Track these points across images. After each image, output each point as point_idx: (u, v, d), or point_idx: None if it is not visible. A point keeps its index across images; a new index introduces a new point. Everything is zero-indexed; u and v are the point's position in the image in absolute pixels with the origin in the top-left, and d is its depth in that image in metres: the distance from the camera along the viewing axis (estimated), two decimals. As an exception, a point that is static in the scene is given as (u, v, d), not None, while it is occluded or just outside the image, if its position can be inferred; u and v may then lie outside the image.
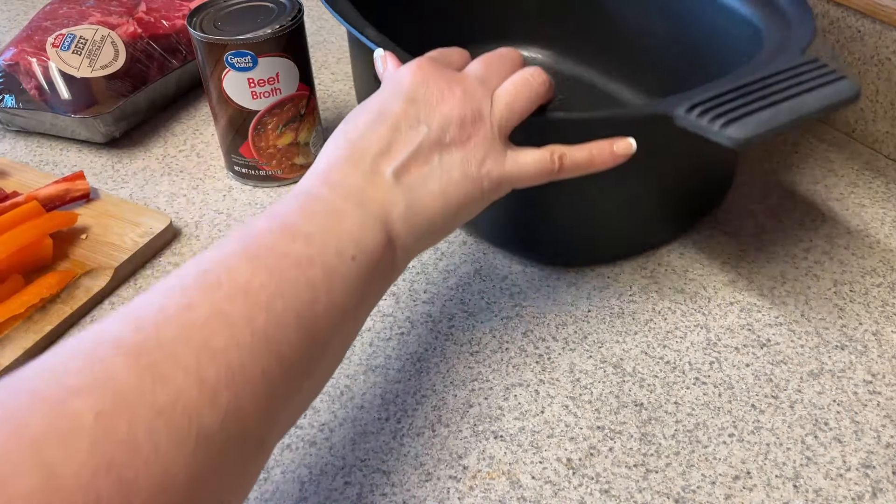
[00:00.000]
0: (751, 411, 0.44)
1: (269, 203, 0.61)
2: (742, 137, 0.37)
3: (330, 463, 0.42)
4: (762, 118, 0.38)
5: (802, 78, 0.41)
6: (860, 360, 0.47)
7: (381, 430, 0.44)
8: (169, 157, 0.67)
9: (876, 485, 0.40)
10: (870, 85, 0.62)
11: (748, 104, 0.39)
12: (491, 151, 0.39)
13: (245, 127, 0.59)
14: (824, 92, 0.40)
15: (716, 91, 0.41)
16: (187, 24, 0.57)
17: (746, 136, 0.38)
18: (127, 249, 0.55)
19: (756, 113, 0.39)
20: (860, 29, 0.61)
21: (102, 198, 0.60)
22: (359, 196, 0.35)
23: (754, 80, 0.41)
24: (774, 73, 0.42)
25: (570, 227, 0.53)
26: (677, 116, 0.40)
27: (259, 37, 0.55)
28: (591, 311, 0.50)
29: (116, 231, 0.56)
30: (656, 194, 0.52)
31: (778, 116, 0.39)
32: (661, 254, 0.55)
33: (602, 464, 0.42)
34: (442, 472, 0.42)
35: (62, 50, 0.65)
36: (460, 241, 0.56)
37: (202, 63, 0.57)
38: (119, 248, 0.55)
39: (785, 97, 0.40)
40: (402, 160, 0.37)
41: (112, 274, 0.53)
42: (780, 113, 0.39)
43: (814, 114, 0.39)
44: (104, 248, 0.55)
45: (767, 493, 0.40)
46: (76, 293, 0.52)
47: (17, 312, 0.49)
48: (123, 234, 0.56)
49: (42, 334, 0.49)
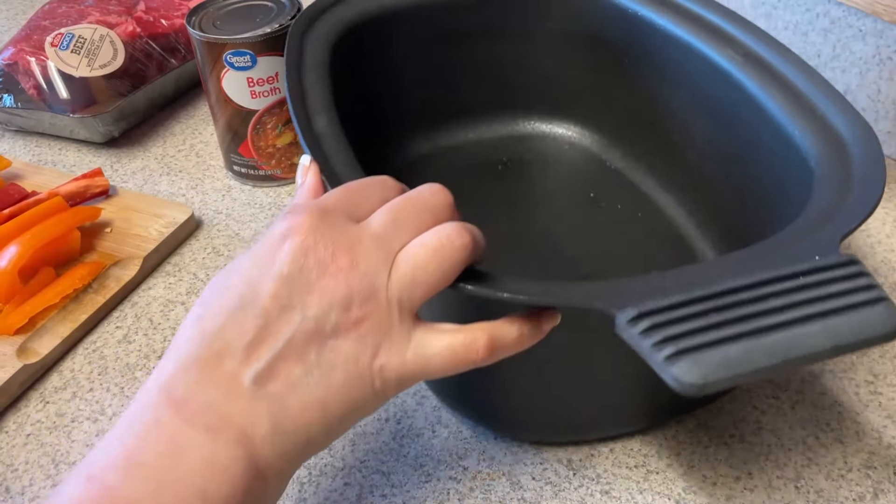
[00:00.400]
0: (752, 412, 0.44)
1: (268, 203, 0.61)
2: (688, 381, 0.26)
3: (329, 464, 0.42)
4: (728, 356, 0.27)
5: (817, 292, 0.29)
6: (861, 361, 0.47)
7: (380, 430, 0.44)
8: (168, 156, 0.67)
9: (877, 486, 0.40)
10: (871, 85, 0.61)
11: (718, 326, 0.28)
12: (386, 340, 0.30)
13: (244, 126, 0.59)
14: (840, 324, 0.28)
15: (680, 298, 0.29)
16: (186, 24, 0.56)
17: (694, 381, 0.26)
18: (153, 240, 0.56)
19: (722, 345, 0.27)
20: (861, 28, 0.60)
21: (121, 194, 0.61)
22: (210, 418, 0.28)
23: (744, 286, 0.29)
24: (779, 276, 0.30)
25: (527, 403, 0.42)
26: (618, 325, 0.29)
27: (258, 36, 0.55)
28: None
29: (140, 223, 0.57)
30: (610, 385, 0.40)
31: (751, 357, 0.27)
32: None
33: (603, 465, 0.42)
34: (442, 473, 0.42)
35: (61, 49, 0.65)
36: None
37: (201, 62, 0.57)
38: (145, 239, 0.56)
39: (778, 323, 0.28)
40: (266, 362, 0.28)
41: (140, 263, 0.54)
42: (754, 352, 0.27)
43: (812, 359, 0.27)
44: (130, 239, 0.56)
45: (769, 494, 0.40)
46: (107, 283, 0.53)
47: (53, 302, 0.51)
48: (147, 225, 0.57)
49: (78, 323, 0.50)
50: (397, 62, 0.56)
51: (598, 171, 0.59)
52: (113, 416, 0.45)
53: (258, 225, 0.59)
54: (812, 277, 0.29)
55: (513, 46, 0.59)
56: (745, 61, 0.46)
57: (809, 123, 0.41)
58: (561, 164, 0.60)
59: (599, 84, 0.58)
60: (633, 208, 0.55)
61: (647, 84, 0.54)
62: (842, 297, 0.28)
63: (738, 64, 0.46)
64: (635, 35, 0.53)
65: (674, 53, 0.51)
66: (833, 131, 0.40)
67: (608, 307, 0.29)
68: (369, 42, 0.53)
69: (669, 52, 0.51)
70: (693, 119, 0.51)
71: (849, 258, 0.30)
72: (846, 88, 0.63)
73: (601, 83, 0.58)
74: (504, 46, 0.58)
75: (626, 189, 0.57)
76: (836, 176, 0.37)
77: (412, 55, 0.56)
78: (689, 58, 0.49)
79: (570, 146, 0.61)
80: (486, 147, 0.61)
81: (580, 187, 0.58)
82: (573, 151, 0.61)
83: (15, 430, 0.45)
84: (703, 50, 0.48)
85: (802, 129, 0.41)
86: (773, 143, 0.43)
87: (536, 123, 0.62)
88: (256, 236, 0.58)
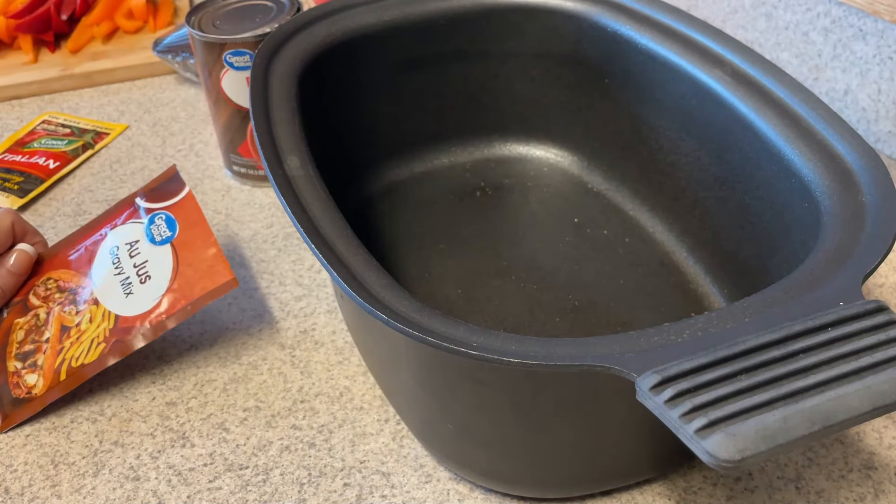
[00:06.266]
0: (752, 412, 0.44)
1: (267, 203, 0.61)
2: (724, 457, 0.24)
3: (329, 465, 0.42)
4: (765, 425, 0.24)
5: (849, 346, 0.27)
6: (862, 361, 0.47)
7: (380, 431, 0.44)
8: (167, 156, 0.66)
9: (878, 486, 0.40)
10: (872, 84, 0.61)
11: (751, 391, 0.25)
12: None
13: (244, 126, 0.59)
14: (878, 383, 0.26)
15: (706, 359, 0.26)
16: (186, 23, 0.56)
17: (730, 456, 0.24)
18: None
19: (757, 412, 0.25)
20: (862, 28, 0.60)
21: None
22: None
23: (772, 343, 0.27)
24: (808, 330, 0.27)
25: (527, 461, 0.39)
26: (639, 392, 0.27)
27: (258, 36, 0.55)
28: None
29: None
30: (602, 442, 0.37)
31: (790, 426, 0.25)
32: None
33: (603, 465, 0.42)
34: (442, 474, 0.41)
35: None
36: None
37: (201, 62, 0.57)
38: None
39: (814, 384, 0.26)
40: None
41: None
42: (793, 419, 0.25)
43: (852, 423, 0.25)
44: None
45: (769, 495, 0.40)
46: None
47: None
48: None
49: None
50: (366, 87, 0.54)
51: (581, 195, 0.57)
52: (112, 416, 0.45)
53: (257, 225, 0.59)
54: (842, 329, 0.27)
55: (485, 68, 0.57)
56: (734, 82, 0.44)
57: (810, 149, 0.39)
58: (541, 189, 0.58)
59: (578, 105, 0.57)
60: (619, 233, 0.53)
61: (629, 104, 0.53)
62: (876, 352, 0.27)
63: (727, 84, 0.44)
64: (615, 54, 0.52)
65: (657, 73, 0.49)
66: (838, 158, 0.38)
67: (627, 371, 0.27)
68: (337, 68, 0.52)
69: (652, 71, 0.49)
70: (679, 141, 0.50)
71: (876, 305, 0.29)
72: (846, 88, 0.63)
73: (580, 104, 0.57)
74: (476, 67, 0.57)
75: (611, 213, 0.55)
76: (846, 208, 0.35)
77: (381, 79, 0.55)
78: (674, 78, 0.48)
79: (549, 168, 0.59)
80: (463, 171, 0.59)
81: (563, 213, 0.56)
82: (553, 174, 0.59)
83: (14, 431, 0.45)
84: (689, 70, 0.47)
85: (803, 155, 0.39)
86: (770, 168, 0.42)
87: (513, 145, 0.60)
88: (255, 236, 0.58)
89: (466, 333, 0.31)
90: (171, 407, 0.46)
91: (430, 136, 0.59)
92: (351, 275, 0.34)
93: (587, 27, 0.53)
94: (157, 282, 0.46)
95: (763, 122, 0.42)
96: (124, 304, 0.46)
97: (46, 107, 0.73)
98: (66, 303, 0.47)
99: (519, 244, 0.54)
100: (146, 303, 0.46)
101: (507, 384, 0.33)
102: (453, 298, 0.49)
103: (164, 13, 0.83)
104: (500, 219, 0.56)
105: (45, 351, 0.46)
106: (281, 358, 0.48)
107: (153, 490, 0.41)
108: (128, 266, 0.47)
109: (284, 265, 0.55)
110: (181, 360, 0.48)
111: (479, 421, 0.36)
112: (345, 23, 0.52)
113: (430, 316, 0.32)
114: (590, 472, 0.39)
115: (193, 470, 0.42)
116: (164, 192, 0.50)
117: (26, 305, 0.48)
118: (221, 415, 0.45)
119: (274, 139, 0.41)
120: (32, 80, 0.74)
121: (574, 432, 0.35)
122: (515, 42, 0.56)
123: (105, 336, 0.45)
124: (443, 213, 0.56)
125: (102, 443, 0.44)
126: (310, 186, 0.39)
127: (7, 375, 0.46)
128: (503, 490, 0.40)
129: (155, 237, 0.47)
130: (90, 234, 0.50)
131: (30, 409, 0.45)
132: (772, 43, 0.69)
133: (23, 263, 0.49)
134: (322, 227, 0.36)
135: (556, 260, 0.52)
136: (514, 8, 0.55)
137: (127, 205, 0.50)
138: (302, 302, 0.52)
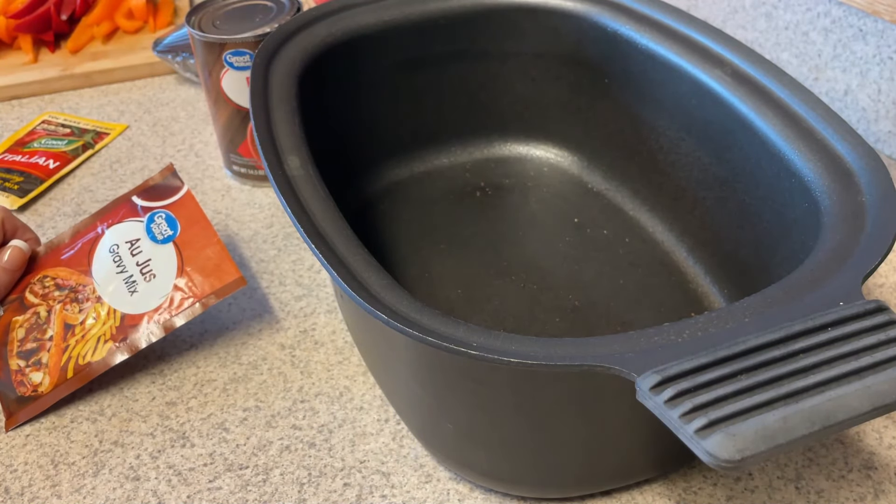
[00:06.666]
0: (752, 412, 0.44)
1: (267, 203, 0.61)
2: (724, 457, 0.24)
3: (329, 464, 0.42)
4: (765, 425, 0.25)
5: (849, 346, 0.27)
6: (862, 361, 0.47)
7: (380, 431, 0.44)
8: (167, 156, 0.66)
9: (878, 486, 0.40)
10: (872, 84, 0.61)
11: (751, 390, 0.26)
12: None
13: (244, 126, 0.59)
14: (878, 383, 0.26)
15: (706, 359, 0.27)
16: (186, 23, 0.56)
17: (730, 456, 0.24)
18: None
19: (757, 412, 0.25)
20: (862, 28, 0.60)
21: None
22: None
23: (772, 342, 0.27)
24: (808, 330, 0.27)
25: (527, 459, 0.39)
26: (639, 391, 0.27)
27: (258, 36, 0.55)
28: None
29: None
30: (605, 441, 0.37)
31: (790, 425, 0.25)
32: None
33: (603, 465, 0.42)
34: (442, 474, 0.41)
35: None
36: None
37: (201, 62, 0.57)
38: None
39: (814, 384, 0.26)
40: None
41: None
42: (793, 419, 0.25)
43: (853, 423, 0.25)
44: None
45: (769, 495, 0.40)
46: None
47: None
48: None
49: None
50: (366, 87, 0.54)
51: (581, 195, 0.57)
52: (112, 416, 0.45)
53: (257, 225, 0.59)
54: (842, 329, 0.28)
55: (485, 68, 0.57)
56: (734, 82, 0.44)
57: (810, 149, 0.39)
58: (541, 188, 0.58)
59: (578, 105, 0.57)
60: (619, 233, 0.53)
61: (629, 104, 0.53)
62: (875, 352, 0.27)
63: (727, 84, 0.44)
64: (615, 54, 0.52)
65: (657, 73, 0.49)
66: (838, 159, 0.38)
67: (627, 371, 0.27)
68: (336, 68, 0.52)
69: (652, 71, 0.49)
70: (679, 141, 0.50)
71: (876, 305, 0.29)
72: (846, 88, 0.63)
73: (580, 104, 0.57)
74: (476, 67, 0.57)
75: (611, 213, 0.55)
76: (846, 208, 0.36)
77: (381, 79, 0.55)
78: (674, 78, 0.48)
79: (549, 168, 0.59)
80: (463, 171, 0.59)
81: (563, 212, 0.56)
82: (553, 174, 0.59)
83: (14, 431, 0.45)
84: (689, 70, 0.47)
85: (803, 155, 0.39)
86: (770, 168, 0.42)
87: (513, 145, 0.60)
88: (255, 236, 0.58)
89: (466, 333, 0.31)
90: (171, 407, 0.46)
91: (429, 136, 0.59)
92: (351, 275, 0.34)
93: (587, 27, 0.53)
94: (162, 280, 0.46)
95: (763, 122, 0.42)
96: (130, 302, 0.46)
97: (46, 107, 0.73)
98: (68, 301, 0.47)
99: (519, 244, 0.54)
100: (152, 301, 0.46)
101: (507, 384, 0.33)
102: (453, 298, 0.49)
103: (164, 13, 0.83)
104: (500, 219, 0.56)
105: (50, 349, 0.46)
106: (281, 358, 0.48)
107: (153, 490, 0.41)
108: (130, 264, 0.47)
109: (284, 265, 0.55)
110: (181, 360, 0.48)
111: (479, 421, 0.36)
112: (345, 23, 0.52)
113: (430, 316, 0.32)
114: (590, 472, 0.39)
115: (193, 470, 0.42)
116: (161, 190, 0.50)
117: (23, 303, 0.48)
118: (221, 415, 0.45)
119: (274, 139, 0.41)
120: (32, 80, 0.74)
121: (574, 432, 0.35)
122: (515, 42, 0.56)
123: (112, 333, 0.45)
124: (443, 213, 0.56)
125: (102, 443, 0.44)
126: (310, 186, 0.39)
127: (10, 374, 0.46)
128: (503, 490, 0.40)
129: (156, 236, 0.47)
130: (85, 232, 0.50)
131: (35, 408, 0.45)
132: (772, 43, 0.69)
133: (16, 260, 0.49)
134: (322, 227, 0.36)
135: (556, 260, 0.52)
136: (514, 8, 0.54)
137: (123, 203, 0.50)
138: (302, 302, 0.52)
